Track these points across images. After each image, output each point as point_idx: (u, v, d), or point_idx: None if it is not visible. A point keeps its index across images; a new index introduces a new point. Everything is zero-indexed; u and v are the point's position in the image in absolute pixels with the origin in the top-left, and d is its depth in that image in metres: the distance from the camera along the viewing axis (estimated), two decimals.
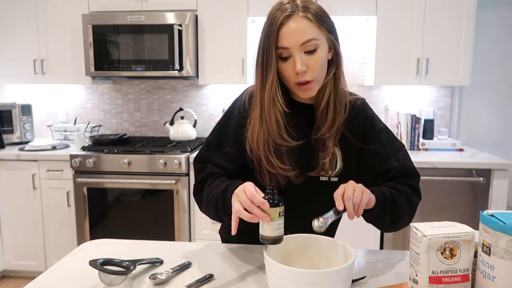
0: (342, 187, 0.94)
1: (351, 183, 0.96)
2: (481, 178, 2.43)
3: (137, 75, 2.78)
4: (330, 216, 0.90)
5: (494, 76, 3.02)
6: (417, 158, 2.54)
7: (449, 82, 2.71)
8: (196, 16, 2.76)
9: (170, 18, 2.69)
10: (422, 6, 2.63)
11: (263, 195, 0.88)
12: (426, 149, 2.85)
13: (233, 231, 0.90)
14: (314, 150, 1.08)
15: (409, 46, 2.68)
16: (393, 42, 2.69)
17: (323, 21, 1.00)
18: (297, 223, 1.06)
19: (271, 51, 0.99)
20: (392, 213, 1.04)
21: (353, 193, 0.92)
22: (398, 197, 1.06)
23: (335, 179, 1.11)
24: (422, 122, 2.90)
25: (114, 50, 2.75)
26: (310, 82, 1.01)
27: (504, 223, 0.74)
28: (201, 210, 1.15)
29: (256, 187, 0.91)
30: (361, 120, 1.13)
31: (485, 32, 2.97)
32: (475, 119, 3.08)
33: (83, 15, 2.75)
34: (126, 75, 2.79)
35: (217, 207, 1.04)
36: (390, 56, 2.70)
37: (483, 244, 0.79)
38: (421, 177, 1.16)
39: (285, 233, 0.92)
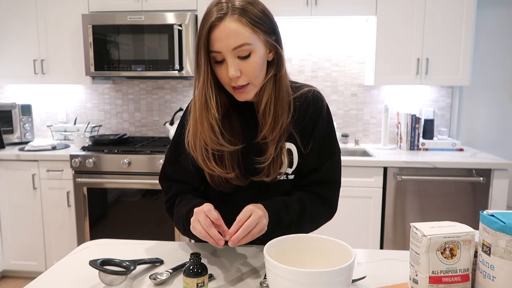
0: (248, 212, 0.92)
1: (258, 214, 0.92)
2: (481, 178, 2.43)
3: (137, 75, 2.78)
4: None
5: (494, 76, 3.02)
6: (417, 158, 2.53)
7: (449, 82, 2.71)
8: (196, 16, 2.76)
9: (170, 18, 2.68)
10: (422, 6, 2.64)
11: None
12: (426, 149, 2.85)
13: (219, 244, 0.89)
14: (259, 152, 1.04)
15: (409, 46, 2.68)
16: (393, 42, 2.69)
17: (259, 23, 0.94)
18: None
19: (201, 54, 0.95)
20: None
21: (251, 228, 0.90)
22: (300, 226, 1.05)
23: (292, 176, 1.09)
24: (422, 122, 2.90)
25: (114, 50, 2.75)
26: (246, 86, 0.98)
27: (504, 223, 0.74)
28: (174, 225, 1.17)
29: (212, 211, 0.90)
30: (311, 115, 1.08)
31: (485, 32, 2.97)
32: (475, 119, 3.08)
33: (83, 15, 2.74)
34: (126, 75, 2.79)
35: (183, 225, 1.05)
36: (390, 56, 2.70)
37: (483, 244, 0.79)
38: (421, 177, 1.15)
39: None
